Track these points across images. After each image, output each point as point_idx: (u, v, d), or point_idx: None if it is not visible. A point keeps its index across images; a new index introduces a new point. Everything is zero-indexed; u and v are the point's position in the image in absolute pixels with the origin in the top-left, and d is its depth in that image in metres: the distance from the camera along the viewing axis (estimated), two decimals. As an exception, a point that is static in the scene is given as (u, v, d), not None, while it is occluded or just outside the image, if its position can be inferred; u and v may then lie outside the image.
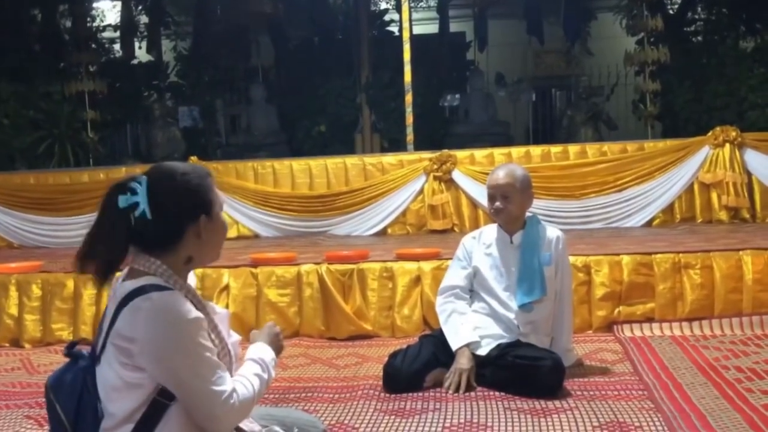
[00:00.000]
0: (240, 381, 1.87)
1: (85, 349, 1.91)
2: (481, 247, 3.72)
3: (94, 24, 12.51)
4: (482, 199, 6.34)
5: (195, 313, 1.78)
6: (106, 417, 1.80)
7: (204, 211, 1.88)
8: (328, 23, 12.70)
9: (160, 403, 1.77)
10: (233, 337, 2.02)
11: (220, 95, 13.04)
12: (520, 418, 3.03)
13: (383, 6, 14.23)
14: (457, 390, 3.40)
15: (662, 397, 3.20)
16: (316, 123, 11.30)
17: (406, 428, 2.98)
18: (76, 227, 7.53)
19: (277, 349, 2.10)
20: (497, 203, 3.56)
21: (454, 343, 3.53)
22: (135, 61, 12.93)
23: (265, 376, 1.95)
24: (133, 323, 1.74)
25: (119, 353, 1.76)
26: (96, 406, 1.81)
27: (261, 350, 2.03)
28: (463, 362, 3.47)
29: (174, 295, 1.79)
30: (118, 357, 1.76)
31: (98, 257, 1.83)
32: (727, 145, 6.75)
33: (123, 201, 1.80)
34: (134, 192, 1.81)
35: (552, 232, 3.68)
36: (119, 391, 1.77)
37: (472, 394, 3.38)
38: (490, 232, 3.75)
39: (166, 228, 1.84)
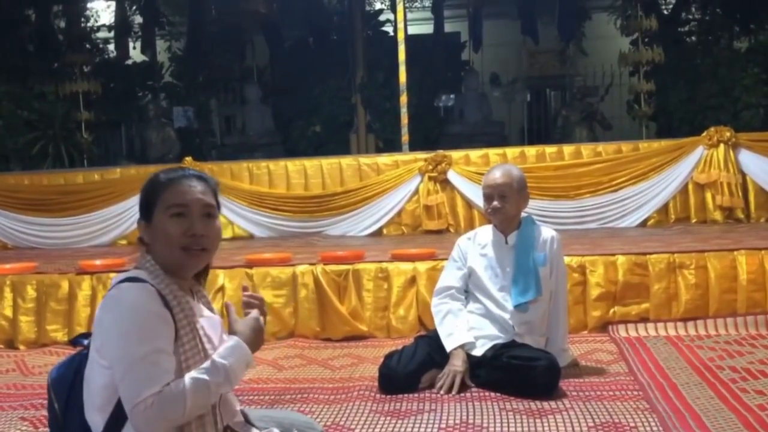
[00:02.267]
0: (171, 384, 1.71)
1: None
2: (476, 247, 3.73)
3: (88, 24, 12.48)
4: (477, 199, 6.35)
5: (153, 308, 1.76)
6: (86, 405, 1.81)
7: (143, 214, 1.91)
8: (322, 23, 12.69)
9: None
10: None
11: (214, 95, 13.03)
12: (515, 419, 3.03)
13: (378, 6, 14.23)
14: (449, 391, 3.40)
15: (657, 397, 3.21)
16: (311, 123, 11.29)
17: (402, 429, 2.97)
18: (70, 228, 7.54)
19: (256, 345, 1.93)
20: (495, 203, 3.57)
21: (449, 345, 3.53)
22: (129, 62, 12.91)
23: (212, 379, 1.77)
24: (99, 310, 1.80)
25: (93, 340, 1.80)
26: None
27: (227, 350, 1.85)
28: (457, 364, 3.47)
29: (141, 287, 1.78)
30: (95, 344, 1.79)
31: None
32: (722, 146, 6.77)
33: None
34: None
35: (547, 232, 3.69)
36: (93, 379, 1.79)
37: (468, 394, 3.38)
38: (485, 232, 3.76)
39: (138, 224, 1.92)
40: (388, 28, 12.75)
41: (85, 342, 1.91)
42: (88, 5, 12.86)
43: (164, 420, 1.71)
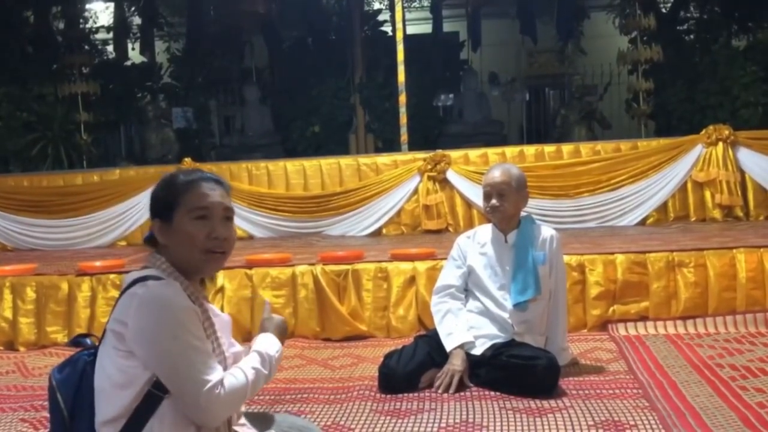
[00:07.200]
0: (232, 373, 1.82)
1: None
2: (476, 246, 3.73)
3: (87, 25, 12.45)
4: (477, 198, 6.35)
5: (187, 303, 1.79)
6: (101, 407, 1.79)
7: (161, 214, 1.91)
8: (321, 23, 12.68)
9: (153, 395, 1.75)
10: (235, 347, 2.01)
11: (213, 96, 13.01)
12: (515, 418, 3.03)
13: (376, 6, 14.23)
14: (446, 390, 3.40)
15: (657, 396, 3.21)
16: (310, 123, 11.29)
17: (402, 429, 2.98)
18: (70, 230, 7.53)
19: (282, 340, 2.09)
20: (493, 201, 3.57)
21: (449, 344, 3.54)
22: (128, 63, 12.89)
23: (265, 371, 1.90)
24: (127, 308, 1.77)
25: (114, 338, 1.78)
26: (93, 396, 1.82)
27: (268, 343, 1.99)
28: (456, 363, 3.47)
29: (168, 284, 1.81)
30: (113, 343, 1.78)
31: None
32: (720, 144, 6.77)
33: None
34: None
35: (546, 231, 3.69)
36: (113, 379, 1.77)
37: (467, 393, 3.39)
38: (484, 231, 3.76)
39: (152, 224, 1.93)
40: (387, 28, 12.72)
41: (89, 341, 1.91)
42: (87, 6, 12.84)
43: (232, 406, 1.83)
